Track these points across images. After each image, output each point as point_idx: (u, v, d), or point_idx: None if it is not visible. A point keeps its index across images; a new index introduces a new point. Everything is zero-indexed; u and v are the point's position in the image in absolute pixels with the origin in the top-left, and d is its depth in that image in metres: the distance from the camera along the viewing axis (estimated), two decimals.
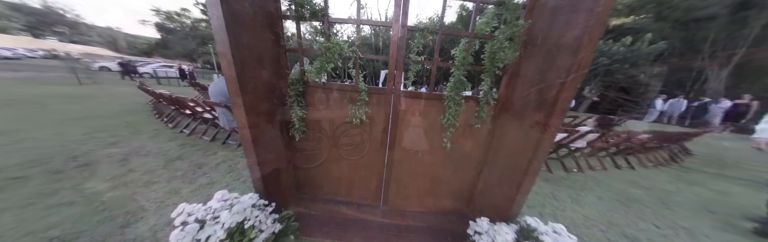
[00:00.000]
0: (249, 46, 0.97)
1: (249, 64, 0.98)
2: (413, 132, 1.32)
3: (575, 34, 0.84)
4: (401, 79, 1.17)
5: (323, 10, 1.06)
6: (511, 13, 1.03)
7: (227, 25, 0.81)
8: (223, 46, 0.83)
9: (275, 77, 1.18)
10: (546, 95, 0.97)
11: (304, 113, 1.28)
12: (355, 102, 1.22)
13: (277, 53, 1.18)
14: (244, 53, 0.94)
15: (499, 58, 1.08)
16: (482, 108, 1.20)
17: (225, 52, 0.85)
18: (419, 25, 1.07)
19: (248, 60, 0.97)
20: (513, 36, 1.05)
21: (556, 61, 0.94)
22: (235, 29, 0.87)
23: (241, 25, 0.91)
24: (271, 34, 1.11)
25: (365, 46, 19.17)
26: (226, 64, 0.87)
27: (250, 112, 1.00)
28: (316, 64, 1.13)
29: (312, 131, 1.39)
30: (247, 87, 0.97)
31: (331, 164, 1.52)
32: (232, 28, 0.85)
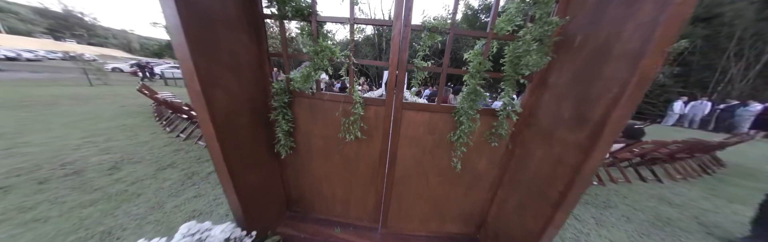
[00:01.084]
0: (220, 50, 0.81)
1: (220, 72, 0.82)
2: (417, 149, 1.13)
3: (637, 33, 0.63)
4: (403, 88, 0.99)
5: (310, 8, 0.88)
6: (541, 8, 0.83)
7: (185, 26, 0.65)
8: (181, 51, 0.67)
9: (256, 86, 1.01)
10: (588, 112, 0.76)
11: (291, 127, 1.11)
12: (348, 115, 1.04)
13: (258, 58, 1.01)
14: (214, 60, 0.78)
15: (524, 64, 0.88)
16: (501, 123, 1.00)
17: (184, 59, 0.68)
18: (425, 23, 0.88)
19: (219, 67, 0.81)
20: (543, 36, 0.85)
21: (603, 69, 0.73)
22: (198, 31, 0.70)
23: (207, 26, 0.74)
24: (250, 37, 0.95)
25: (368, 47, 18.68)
26: (186, 74, 0.70)
27: (222, 129, 0.83)
28: (303, 70, 0.96)
29: (301, 145, 1.22)
30: (216, 100, 0.80)
31: (324, 181, 1.35)
32: (194, 30, 0.69)
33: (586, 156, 0.76)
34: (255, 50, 0.99)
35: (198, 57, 0.71)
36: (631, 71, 0.64)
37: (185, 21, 0.65)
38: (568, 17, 0.81)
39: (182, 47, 0.67)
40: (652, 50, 0.59)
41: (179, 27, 0.64)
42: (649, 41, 0.60)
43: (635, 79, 0.63)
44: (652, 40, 0.59)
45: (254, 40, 0.98)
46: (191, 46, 0.68)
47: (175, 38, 0.66)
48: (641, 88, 0.64)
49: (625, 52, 0.66)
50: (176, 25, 0.64)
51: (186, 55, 0.67)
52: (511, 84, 0.95)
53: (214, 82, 0.79)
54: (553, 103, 0.92)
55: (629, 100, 0.66)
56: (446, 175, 1.21)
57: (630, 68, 0.64)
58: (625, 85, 0.65)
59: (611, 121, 0.69)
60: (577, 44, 0.83)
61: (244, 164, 1.02)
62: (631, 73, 0.64)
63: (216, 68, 0.79)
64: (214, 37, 0.78)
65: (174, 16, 0.63)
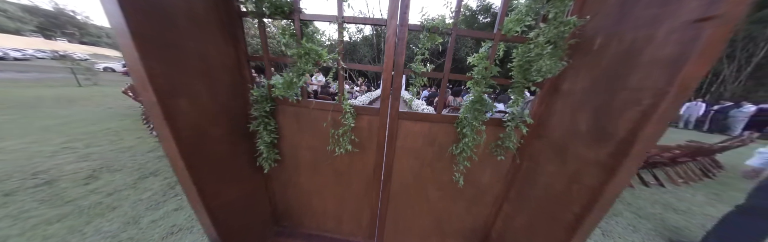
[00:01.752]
0: (185, 53, 0.69)
1: (184, 78, 0.70)
2: (415, 162, 1.03)
3: (675, 36, 0.53)
4: (399, 95, 0.88)
5: (291, 5, 0.77)
6: (555, 6, 0.72)
7: (132, 24, 0.53)
8: (128, 54, 0.55)
9: (233, 93, 0.89)
10: (611, 126, 0.66)
11: (274, 138, 0.99)
12: (338, 126, 0.93)
13: (235, 62, 0.89)
14: (175, 64, 0.66)
15: (536, 69, 0.78)
16: (508, 135, 0.89)
17: (133, 64, 0.56)
18: (425, 22, 0.77)
19: (183, 73, 0.69)
20: (558, 38, 0.75)
21: (630, 77, 0.63)
22: (152, 30, 0.59)
23: (166, 24, 0.62)
24: (224, 37, 0.83)
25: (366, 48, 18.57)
26: (137, 82, 0.58)
27: (189, 146, 0.72)
28: (285, 76, 0.84)
29: (287, 158, 1.10)
30: (180, 112, 0.68)
31: (313, 195, 1.23)
32: (146, 29, 0.57)
33: (609, 176, 0.65)
34: (231, 52, 0.87)
35: (152, 61, 0.59)
36: (668, 80, 0.54)
37: (132, 18, 0.53)
38: (588, 17, 0.70)
39: (129, 49, 0.55)
40: (698, 56, 0.49)
41: (123, 25, 0.52)
42: (692, 45, 0.50)
43: (674, 90, 0.53)
44: (696, 44, 0.49)
45: (230, 40, 0.86)
46: (142, 48, 0.56)
47: (119, 38, 0.54)
48: (679, 100, 0.54)
49: (660, 57, 0.56)
50: (120, 22, 0.52)
51: (135, 58, 0.55)
52: (520, 91, 0.85)
53: (175, 91, 0.67)
54: (566, 113, 0.82)
55: (664, 115, 0.56)
56: (447, 189, 1.11)
57: (666, 77, 0.54)
58: (659, 96, 0.55)
59: (641, 138, 0.59)
60: (596, 47, 0.74)
61: (221, 181, 0.90)
62: (667, 82, 0.54)
63: (179, 74, 0.67)
64: (176, 36, 0.66)
65: (116, 12, 0.51)
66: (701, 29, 0.48)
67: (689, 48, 0.51)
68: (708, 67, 0.50)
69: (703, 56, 0.49)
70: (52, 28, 48.46)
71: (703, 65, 0.50)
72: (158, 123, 0.64)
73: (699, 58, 0.50)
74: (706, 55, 0.49)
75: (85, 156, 2.41)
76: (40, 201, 1.63)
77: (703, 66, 0.50)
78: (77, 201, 1.65)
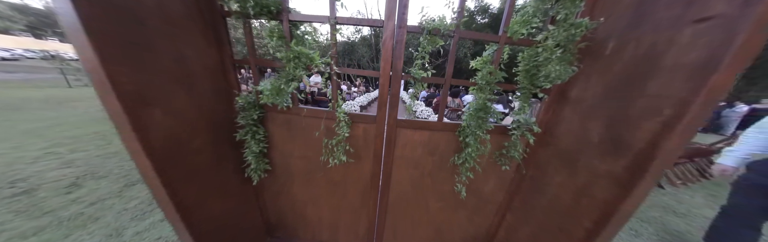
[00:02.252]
0: (158, 56, 0.62)
1: (158, 84, 0.63)
2: (415, 172, 0.97)
3: (702, 39, 0.48)
4: (397, 102, 0.81)
5: (279, 4, 0.70)
6: (566, 7, 0.67)
7: (89, 23, 0.46)
8: (86, 59, 0.48)
9: (217, 100, 0.82)
10: (627, 136, 0.61)
11: (263, 147, 0.92)
12: (332, 135, 0.86)
13: (219, 66, 0.82)
14: (147, 68, 0.59)
15: (545, 75, 0.72)
16: (514, 143, 0.84)
17: (93, 69, 0.49)
18: (425, 24, 0.71)
19: (156, 78, 0.62)
20: (567, 42, 0.69)
21: (648, 84, 0.58)
22: (116, 30, 0.52)
23: (133, 24, 0.55)
24: (206, 38, 0.76)
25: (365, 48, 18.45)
26: (99, 89, 0.51)
27: (164, 159, 0.65)
28: (273, 82, 0.77)
29: (279, 167, 1.04)
30: (153, 122, 0.61)
31: (308, 205, 1.17)
32: (108, 29, 0.50)
33: (625, 191, 0.60)
34: (214, 55, 0.80)
35: (117, 65, 0.52)
36: (694, 88, 0.49)
37: (85, 11, 0.46)
38: (602, 19, 0.65)
39: (86, 52, 0.48)
40: (729, 61, 0.44)
41: (78, 24, 0.45)
42: (722, 50, 0.45)
43: (700, 100, 0.48)
44: (727, 49, 0.44)
45: (213, 42, 0.79)
46: (101, 48, 0.49)
47: (72, 37, 0.46)
48: (706, 110, 0.49)
49: (684, 63, 0.51)
50: (73, 22, 0.45)
51: (94, 63, 0.48)
52: (527, 98, 0.80)
53: (147, 99, 0.60)
54: (576, 121, 0.77)
55: (689, 126, 0.50)
56: (448, 199, 1.05)
57: (692, 84, 0.49)
58: (683, 106, 0.50)
59: (662, 151, 0.54)
60: (609, 51, 0.68)
61: (204, 195, 0.83)
62: (693, 91, 0.49)
63: (151, 79, 0.60)
64: (146, 36, 0.59)
65: (69, 11, 0.44)
66: (735, 32, 0.43)
67: (720, 53, 0.46)
68: (732, 75, 0.46)
69: (735, 62, 0.44)
70: (42, 27, 47.41)
71: (734, 72, 0.45)
72: (126, 136, 0.57)
73: (730, 64, 0.45)
74: (738, 60, 0.44)
75: (69, 163, 2.30)
76: (16, 213, 1.53)
77: (734, 73, 0.45)
78: (57, 212, 1.56)
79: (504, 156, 0.89)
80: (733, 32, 0.44)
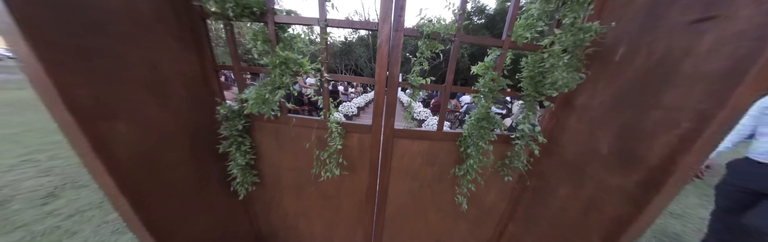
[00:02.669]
0: (124, 62, 0.55)
1: (123, 94, 0.56)
2: (413, 183, 0.91)
3: (726, 47, 0.44)
4: (394, 111, 0.76)
5: (263, 4, 0.63)
6: (573, 10, 0.63)
7: (29, 26, 0.39)
8: (30, 67, 0.41)
9: (196, 109, 0.75)
10: (640, 150, 0.57)
11: (251, 159, 0.85)
12: (323, 146, 0.80)
13: (200, 72, 0.75)
14: (108, 77, 0.52)
15: (551, 82, 0.68)
16: (517, 153, 0.79)
17: (38, 79, 0.42)
18: (424, 27, 0.66)
19: (121, 88, 0.55)
20: (575, 47, 0.65)
21: (663, 94, 0.54)
22: (65, 32, 0.45)
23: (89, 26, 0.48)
24: (183, 42, 0.69)
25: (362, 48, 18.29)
26: (47, 101, 0.44)
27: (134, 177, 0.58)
28: (257, 90, 0.70)
29: (268, 179, 0.97)
30: (118, 138, 0.54)
31: (300, 218, 1.10)
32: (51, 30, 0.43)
33: (638, 208, 0.56)
34: (193, 61, 0.73)
35: (70, 75, 0.45)
36: (716, 101, 0.45)
37: (27, 19, 0.39)
38: (613, 23, 0.61)
39: (29, 60, 0.41)
40: (757, 72, 0.40)
41: (14, 27, 0.38)
42: (749, 59, 0.41)
43: (724, 113, 0.44)
44: (755, 58, 0.40)
45: (191, 46, 0.72)
46: (48, 59, 0.42)
47: (12, 45, 0.39)
48: (729, 124, 0.45)
49: (704, 72, 0.47)
50: (8, 24, 0.38)
51: (38, 72, 0.41)
52: (532, 106, 0.75)
53: (110, 112, 0.53)
54: (583, 130, 0.73)
55: (709, 142, 0.47)
56: (448, 210, 1.00)
57: (714, 96, 0.45)
58: (703, 119, 0.46)
59: (679, 167, 0.50)
60: (618, 57, 0.64)
61: (186, 211, 0.76)
62: (715, 103, 0.45)
63: (114, 89, 0.53)
64: (109, 43, 0.52)
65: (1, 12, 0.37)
66: (765, 40, 0.39)
67: (746, 62, 0.42)
68: (765, 85, 0.42)
69: (764, 72, 0.41)
70: None
71: (762, 83, 0.41)
72: (84, 155, 0.50)
73: (759, 75, 0.41)
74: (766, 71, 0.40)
75: (47, 171, 2.17)
76: None
77: (762, 84, 0.41)
78: (30, 226, 1.45)
79: (506, 166, 0.84)
80: (764, 40, 0.40)
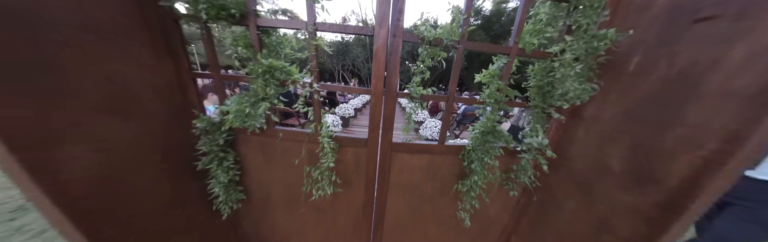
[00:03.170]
0: (78, 77, 0.47)
1: (73, 115, 0.47)
2: (413, 198, 0.86)
3: (759, 63, 0.40)
4: (392, 125, 0.69)
5: (243, 5, 0.56)
6: (586, 15, 0.58)
7: None
8: None
9: (170, 124, 0.67)
10: (658, 169, 0.53)
11: (234, 175, 0.78)
12: (315, 162, 0.73)
13: (175, 81, 0.67)
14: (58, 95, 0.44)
15: (562, 93, 0.63)
16: (523, 168, 0.75)
17: None
18: (424, 32, 0.60)
19: (70, 108, 0.47)
20: (587, 55, 0.60)
21: (686, 111, 0.49)
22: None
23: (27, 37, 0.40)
24: (153, 48, 0.60)
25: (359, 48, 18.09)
26: None
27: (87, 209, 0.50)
28: (238, 100, 0.63)
29: (255, 195, 0.89)
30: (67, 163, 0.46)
31: (292, 235, 1.03)
32: None
33: (656, 231, 0.52)
34: (166, 69, 0.65)
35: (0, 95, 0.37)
36: (750, 122, 0.40)
37: None
38: (631, 31, 0.56)
39: None
40: None
41: None
42: None
43: (758, 137, 0.40)
44: None
45: (163, 53, 0.63)
46: None
47: None
48: (763, 148, 0.41)
49: (734, 89, 0.43)
50: None
51: None
52: (540, 117, 0.70)
53: (57, 136, 0.45)
54: (592, 143, 0.68)
55: (741, 164, 0.42)
56: (449, 225, 0.95)
57: (746, 116, 0.41)
58: (733, 141, 0.42)
59: (704, 191, 0.46)
60: (632, 67, 0.60)
61: (161, 236, 0.68)
62: (747, 124, 0.41)
63: (61, 110, 0.45)
64: (54, 54, 0.44)
65: None
66: None
67: None
68: None
69: None
70: None
71: None
72: (25, 188, 0.42)
73: None
74: None
75: None
76: None
77: None
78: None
79: (511, 180, 0.79)
80: None
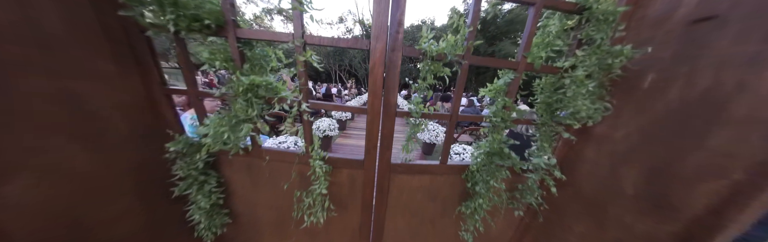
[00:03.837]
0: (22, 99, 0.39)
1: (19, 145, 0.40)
2: (413, 219, 0.80)
3: None
4: (390, 144, 0.64)
5: (219, 15, 0.49)
6: (600, 29, 0.53)
7: None
8: None
9: (143, 147, 0.59)
10: (677, 197, 0.49)
11: (218, 199, 0.70)
12: (306, 185, 0.67)
13: (146, 99, 0.59)
14: None
15: (573, 112, 0.59)
16: (531, 188, 0.70)
17: None
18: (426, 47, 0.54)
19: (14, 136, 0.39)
20: (599, 72, 0.56)
21: (708, 135, 0.46)
22: None
23: None
24: (116, 62, 0.53)
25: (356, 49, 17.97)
26: None
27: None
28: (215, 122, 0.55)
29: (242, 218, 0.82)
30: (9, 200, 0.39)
31: None
32: None
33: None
34: (135, 85, 0.57)
35: None
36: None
37: None
38: (650, 48, 0.52)
39: None
40: None
41: None
42: None
43: None
44: None
45: (131, 67, 0.56)
46: None
47: None
48: None
49: (763, 117, 0.39)
50: None
51: None
52: (548, 137, 0.66)
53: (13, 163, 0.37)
54: (603, 164, 0.64)
55: None
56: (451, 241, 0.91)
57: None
58: (763, 172, 0.39)
59: (730, 223, 0.42)
60: (647, 85, 0.56)
61: None
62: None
63: (7, 134, 0.38)
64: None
65: None
66: None
67: None
68: None
69: None
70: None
71: None
72: None
73: None
74: None
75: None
76: None
77: None
78: None
79: (516, 199, 0.75)
80: None
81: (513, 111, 0.62)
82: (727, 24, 0.44)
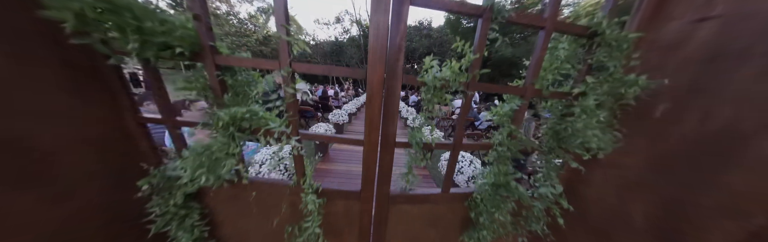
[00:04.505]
0: None
1: None
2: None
3: None
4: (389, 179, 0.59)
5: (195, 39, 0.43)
6: (613, 57, 0.50)
7: None
8: None
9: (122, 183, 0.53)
10: (690, 235, 0.47)
11: (201, 233, 0.65)
12: (298, 219, 0.62)
13: (119, 131, 0.52)
14: None
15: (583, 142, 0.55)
16: (536, 216, 0.67)
17: None
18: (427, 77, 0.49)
19: None
20: (610, 100, 0.53)
21: (729, 175, 0.43)
22: None
23: None
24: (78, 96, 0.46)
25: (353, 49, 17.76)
26: None
27: None
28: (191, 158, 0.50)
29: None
30: None
31: None
32: None
33: None
34: (102, 117, 0.50)
35: None
36: None
37: None
38: (666, 81, 0.49)
39: None
40: None
41: None
42: None
43: None
44: None
45: (95, 97, 0.49)
46: None
47: None
48: None
49: None
50: None
51: None
52: (555, 165, 0.63)
53: None
54: (610, 191, 0.62)
55: None
56: None
57: None
58: None
59: None
60: (659, 114, 0.54)
61: None
62: None
63: None
64: None
65: None
66: None
67: None
68: None
69: None
70: None
71: None
72: None
73: None
74: None
75: None
76: None
77: None
78: None
79: (520, 226, 0.72)
80: None
81: (521, 140, 0.58)
82: (751, 58, 0.41)
